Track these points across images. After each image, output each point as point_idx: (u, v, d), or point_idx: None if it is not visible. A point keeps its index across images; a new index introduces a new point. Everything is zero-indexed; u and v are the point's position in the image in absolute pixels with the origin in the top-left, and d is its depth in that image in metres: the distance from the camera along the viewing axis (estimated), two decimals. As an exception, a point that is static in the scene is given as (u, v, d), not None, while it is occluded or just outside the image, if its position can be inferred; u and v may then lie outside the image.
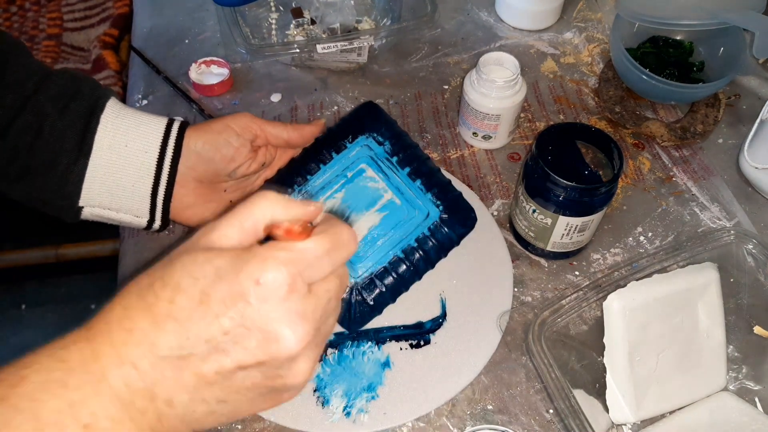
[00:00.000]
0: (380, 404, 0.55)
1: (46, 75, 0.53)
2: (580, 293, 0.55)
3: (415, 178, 0.57)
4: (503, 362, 0.58)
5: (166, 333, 0.31)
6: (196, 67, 0.78)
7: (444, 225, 0.56)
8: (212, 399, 0.32)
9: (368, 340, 0.58)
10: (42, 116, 0.51)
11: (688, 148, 0.74)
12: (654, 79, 0.70)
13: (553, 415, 0.55)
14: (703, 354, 0.56)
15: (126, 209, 0.55)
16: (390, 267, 0.55)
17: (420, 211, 0.56)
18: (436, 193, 0.57)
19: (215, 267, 0.31)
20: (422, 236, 0.55)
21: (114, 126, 0.53)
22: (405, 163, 0.58)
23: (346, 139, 0.59)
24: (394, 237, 0.56)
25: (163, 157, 0.54)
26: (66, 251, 1.44)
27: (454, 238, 0.56)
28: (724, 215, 0.68)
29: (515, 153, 0.73)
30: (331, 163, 0.59)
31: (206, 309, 0.31)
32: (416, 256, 0.55)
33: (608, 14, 0.88)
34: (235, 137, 0.56)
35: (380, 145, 0.59)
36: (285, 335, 0.31)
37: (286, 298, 0.31)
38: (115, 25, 1.24)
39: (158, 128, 0.54)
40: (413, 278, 0.56)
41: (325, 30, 0.83)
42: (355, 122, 0.60)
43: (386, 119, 0.60)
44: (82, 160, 0.52)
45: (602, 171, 0.59)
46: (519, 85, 0.68)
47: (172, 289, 0.31)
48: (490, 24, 0.87)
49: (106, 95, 0.54)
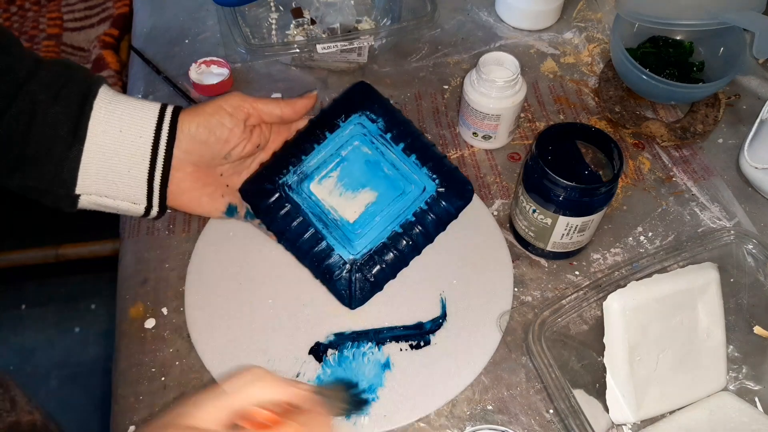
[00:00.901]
0: (380, 406, 0.55)
1: (38, 63, 0.52)
2: (580, 293, 0.55)
3: (409, 154, 0.58)
4: (503, 362, 0.58)
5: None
6: (196, 67, 0.78)
7: (441, 198, 0.56)
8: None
9: (368, 341, 0.58)
10: (35, 104, 0.51)
11: (688, 148, 0.74)
12: (654, 79, 0.70)
13: (553, 415, 0.55)
14: (703, 354, 0.56)
15: (123, 196, 0.55)
16: (389, 242, 0.56)
17: (416, 186, 0.57)
18: (431, 167, 0.57)
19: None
20: (420, 210, 0.56)
21: (108, 111, 0.52)
22: (399, 139, 0.58)
23: (339, 119, 0.59)
24: (392, 212, 0.56)
25: (158, 142, 0.54)
26: (66, 251, 1.44)
27: (452, 211, 0.57)
28: (724, 215, 0.68)
29: (515, 153, 0.73)
30: (325, 143, 0.59)
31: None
32: (415, 231, 0.56)
33: (608, 14, 0.88)
34: (228, 118, 0.56)
35: (373, 123, 0.59)
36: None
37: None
38: (115, 25, 1.24)
39: (152, 113, 0.54)
40: (413, 253, 0.57)
41: (325, 30, 0.83)
42: (347, 101, 0.60)
43: (379, 97, 0.60)
44: (77, 146, 0.51)
45: (602, 171, 0.59)
46: (519, 85, 0.68)
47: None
48: (490, 24, 0.87)
49: (98, 82, 0.54)
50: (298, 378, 0.56)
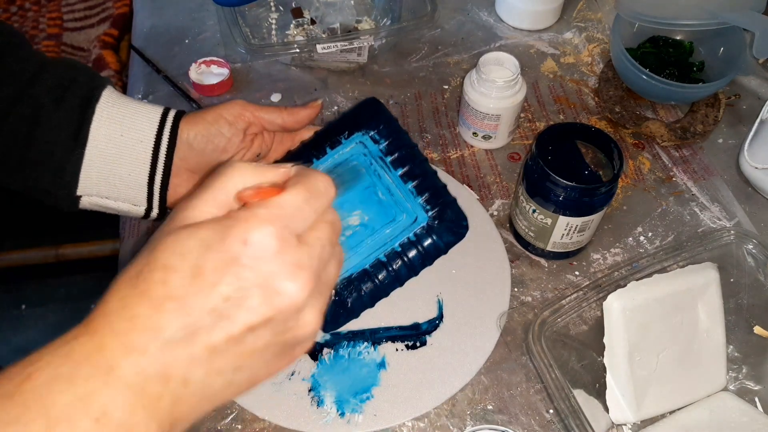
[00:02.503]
0: (375, 405, 0.55)
1: (43, 65, 0.53)
2: (580, 293, 0.55)
3: (407, 180, 0.55)
4: (503, 362, 0.58)
5: (168, 313, 0.30)
6: (196, 67, 0.78)
7: (431, 231, 0.53)
8: (228, 368, 0.32)
9: (364, 341, 0.58)
10: (38, 107, 0.51)
11: (688, 148, 0.74)
12: (654, 79, 0.70)
13: (553, 415, 0.55)
14: (703, 354, 0.56)
15: (123, 198, 0.55)
16: (371, 270, 0.53)
17: (408, 215, 0.54)
18: (427, 197, 0.54)
19: (200, 239, 0.31)
20: (407, 241, 0.53)
21: (109, 116, 0.53)
22: (398, 163, 0.56)
23: (343, 135, 0.57)
24: (378, 239, 0.53)
25: (159, 148, 0.54)
26: (66, 251, 1.44)
27: (441, 246, 0.53)
28: (724, 215, 0.68)
29: (515, 153, 0.73)
30: (324, 158, 0.57)
31: (201, 281, 0.30)
32: (398, 263, 0.53)
33: (608, 14, 0.88)
34: (227, 127, 0.56)
35: (376, 144, 0.57)
36: (286, 287, 0.31)
37: (278, 252, 0.31)
38: (115, 25, 1.24)
39: (153, 118, 0.54)
40: (394, 284, 0.54)
41: (325, 30, 0.83)
42: (353, 118, 0.58)
43: (386, 117, 0.58)
44: (79, 150, 0.52)
45: (602, 171, 0.59)
46: (519, 85, 0.68)
47: (161, 270, 0.31)
48: (490, 24, 0.87)
49: (102, 84, 0.54)
50: (293, 377, 0.56)
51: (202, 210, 0.33)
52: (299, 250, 0.32)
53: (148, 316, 0.30)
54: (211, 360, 0.31)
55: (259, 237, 0.31)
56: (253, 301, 0.31)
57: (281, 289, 0.31)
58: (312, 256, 0.33)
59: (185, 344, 0.30)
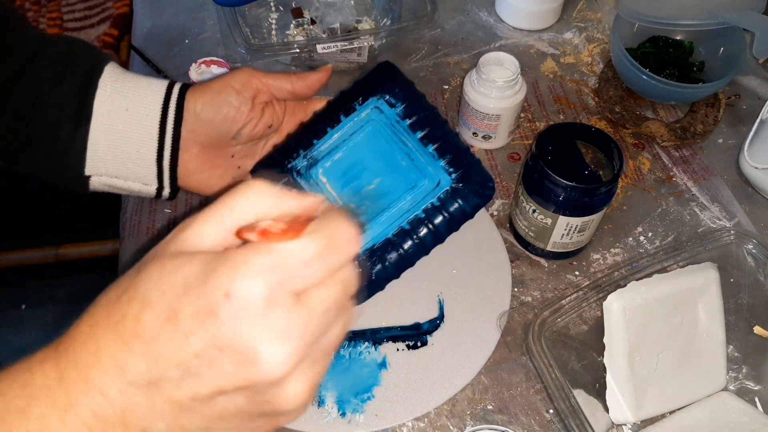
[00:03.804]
0: (375, 405, 0.55)
1: (43, 42, 0.51)
2: (580, 293, 0.55)
3: (427, 143, 0.52)
4: (503, 362, 0.58)
5: (134, 355, 0.27)
6: (196, 67, 0.78)
7: (456, 195, 0.50)
8: (193, 427, 0.28)
9: (365, 341, 0.58)
10: (39, 83, 0.50)
11: (688, 148, 0.74)
12: (654, 79, 0.70)
13: (553, 415, 0.55)
14: (703, 354, 0.56)
15: (134, 177, 0.53)
16: (394, 239, 0.50)
17: (430, 179, 0.51)
18: (449, 159, 0.51)
19: (183, 277, 0.27)
20: (430, 207, 0.50)
21: (113, 90, 0.51)
22: (417, 126, 0.53)
23: (357, 101, 0.55)
24: (401, 207, 0.51)
25: (165, 121, 0.52)
26: (66, 251, 1.44)
27: (468, 209, 0.50)
28: (724, 215, 0.68)
29: (515, 153, 0.73)
30: (339, 127, 0.54)
31: (174, 327, 0.27)
32: (423, 230, 0.50)
33: (608, 14, 0.88)
34: (234, 96, 0.53)
35: (392, 108, 0.54)
36: (264, 357, 0.26)
37: (264, 313, 0.26)
38: (115, 25, 1.24)
39: (159, 91, 0.52)
40: (419, 253, 0.51)
41: (325, 30, 0.83)
42: (367, 83, 0.55)
43: (401, 79, 0.55)
44: (83, 126, 0.50)
45: (602, 171, 0.59)
46: (519, 85, 0.68)
47: (139, 303, 0.27)
48: (490, 24, 0.87)
49: (104, 59, 0.52)
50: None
51: (203, 233, 0.29)
52: (291, 313, 0.27)
53: (113, 352, 0.27)
54: (175, 416, 0.28)
55: (243, 291, 0.26)
56: (225, 365, 0.27)
57: (258, 357, 0.26)
58: (308, 321, 0.28)
59: (147, 393, 0.27)
